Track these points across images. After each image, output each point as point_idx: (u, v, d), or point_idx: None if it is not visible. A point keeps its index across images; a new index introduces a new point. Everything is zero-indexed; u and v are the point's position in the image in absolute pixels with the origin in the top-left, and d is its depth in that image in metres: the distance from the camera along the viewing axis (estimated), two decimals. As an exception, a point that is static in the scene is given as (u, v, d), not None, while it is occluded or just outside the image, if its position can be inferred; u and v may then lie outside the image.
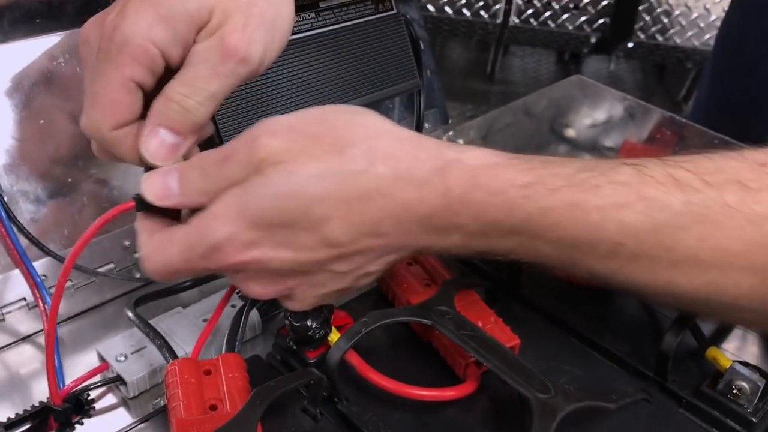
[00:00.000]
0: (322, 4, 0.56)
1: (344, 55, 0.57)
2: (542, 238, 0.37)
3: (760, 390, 0.41)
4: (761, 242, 0.35)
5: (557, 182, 0.36)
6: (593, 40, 2.07)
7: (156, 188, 0.38)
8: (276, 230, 0.36)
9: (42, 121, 0.47)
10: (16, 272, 0.46)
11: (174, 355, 0.42)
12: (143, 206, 0.39)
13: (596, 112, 0.67)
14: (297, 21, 0.54)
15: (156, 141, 0.38)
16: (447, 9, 2.04)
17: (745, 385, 0.41)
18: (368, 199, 0.36)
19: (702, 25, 2.03)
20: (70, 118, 0.48)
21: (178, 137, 0.38)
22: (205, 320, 0.47)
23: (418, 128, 0.68)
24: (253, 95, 0.52)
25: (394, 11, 0.61)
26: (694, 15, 2.02)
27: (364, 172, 0.36)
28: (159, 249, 0.37)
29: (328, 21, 0.56)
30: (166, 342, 0.43)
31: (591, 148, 0.68)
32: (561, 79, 0.70)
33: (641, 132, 0.64)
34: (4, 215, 0.44)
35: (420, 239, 0.38)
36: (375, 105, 0.65)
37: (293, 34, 0.54)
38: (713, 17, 2.02)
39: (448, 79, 2.36)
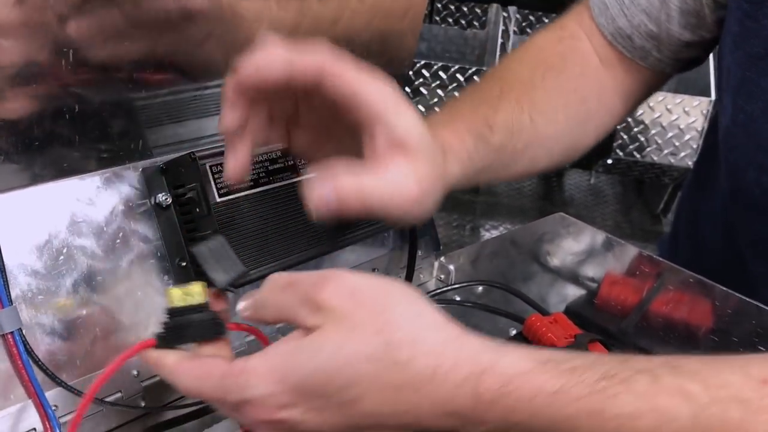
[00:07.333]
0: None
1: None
2: None
3: None
4: None
5: (582, 391, 0.38)
6: (574, 156, 2.15)
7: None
8: (312, 398, 0.39)
9: (61, 258, 0.51)
10: (28, 403, 0.48)
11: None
12: (163, 344, 0.42)
13: (577, 246, 0.72)
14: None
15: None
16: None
17: None
18: (401, 390, 0.39)
19: (677, 143, 2.14)
20: (88, 253, 0.52)
21: None
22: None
23: (412, 256, 0.73)
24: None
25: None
26: (669, 135, 2.12)
27: (405, 363, 0.39)
28: (196, 378, 0.40)
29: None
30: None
31: (573, 278, 0.72)
32: (543, 191, 0.75)
33: (621, 266, 0.68)
34: (22, 349, 0.47)
35: (439, 423, 0.40)
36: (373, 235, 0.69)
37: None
38: (687, 137, 2.12)
39: (435, 189, 2.42)
